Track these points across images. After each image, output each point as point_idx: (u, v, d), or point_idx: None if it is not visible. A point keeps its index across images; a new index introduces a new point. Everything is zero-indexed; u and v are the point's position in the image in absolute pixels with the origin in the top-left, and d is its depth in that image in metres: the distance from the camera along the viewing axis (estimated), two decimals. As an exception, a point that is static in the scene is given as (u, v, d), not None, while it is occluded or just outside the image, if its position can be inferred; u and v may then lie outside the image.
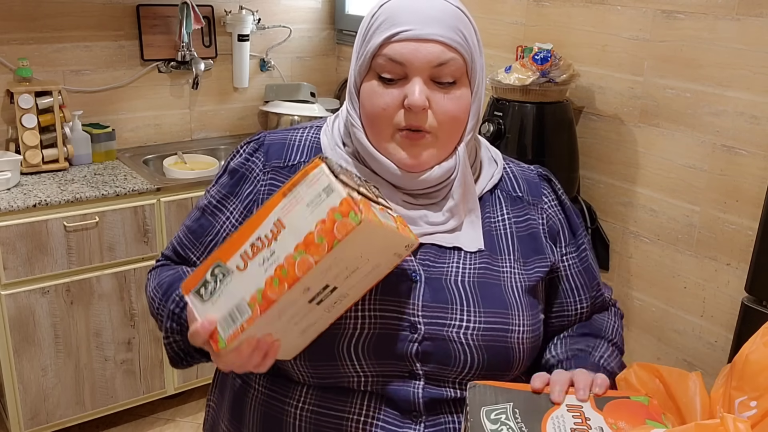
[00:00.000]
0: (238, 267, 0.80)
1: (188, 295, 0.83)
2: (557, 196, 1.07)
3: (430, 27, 0.89)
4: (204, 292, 0.82)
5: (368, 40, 0.93)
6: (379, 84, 0.92)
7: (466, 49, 0.92)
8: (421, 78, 0.90)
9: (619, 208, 2.16)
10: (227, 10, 2.83)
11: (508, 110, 2.08)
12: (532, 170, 1.08)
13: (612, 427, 0.81)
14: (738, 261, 1.86)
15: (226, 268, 0.81)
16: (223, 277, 0.81)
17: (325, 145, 1.01)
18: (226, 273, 0.80)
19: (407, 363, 0.91)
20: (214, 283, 0.81)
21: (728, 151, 1.84)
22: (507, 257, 0.98)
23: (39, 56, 2.47)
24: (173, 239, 1.09)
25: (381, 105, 0.92)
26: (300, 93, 2.98)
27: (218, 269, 0.81)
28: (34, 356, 2.19)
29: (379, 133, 0.93)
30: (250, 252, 0.79)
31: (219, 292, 0.80)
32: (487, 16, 2.46)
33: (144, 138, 2.77)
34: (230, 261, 0.80)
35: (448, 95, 0.92)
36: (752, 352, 0.80)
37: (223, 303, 0.80)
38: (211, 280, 0.81)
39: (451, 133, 0.94)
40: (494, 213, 1.01)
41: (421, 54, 0.89)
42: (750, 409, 0.75)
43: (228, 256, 0.81)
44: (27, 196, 2.14)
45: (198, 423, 2.55)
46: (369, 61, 0.92)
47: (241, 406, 0.99)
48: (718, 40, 1.83)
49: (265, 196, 0.99)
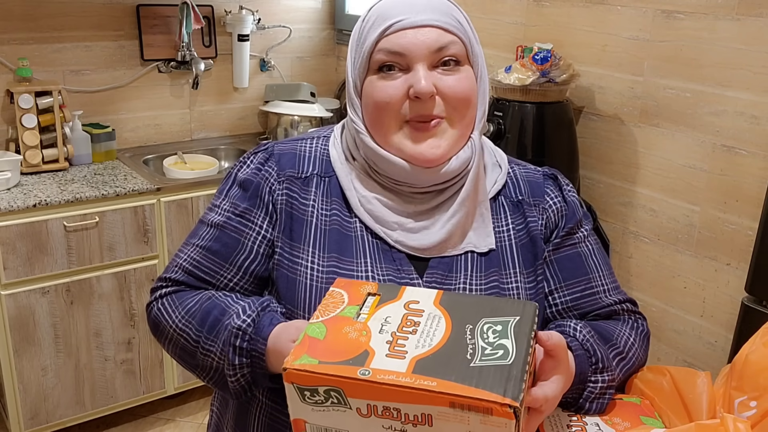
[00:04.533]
0: (359, 410, 0.71)
1: (288, 383, 0.72)
2: (562, 194, 1.03)
3: (423, 14, 0.88)
4: (307, 397, 0.72)
5: (363, 40, 0.92)
6: (380, 78, 0.90)
7: (462, 32, 0.91)
8: (424, 64, 0.88)
9: (619, 208, 2.16)
10: (227, 10, 2.83)
11: (508, 110, 2.08)
12: (537, 171, 1.05)
13: (607, 423, 0.81)
14: (738, 261, 1.86)
15: (346, 401, 0.71)
16: (336, 403, 0.71)
17: (335, 158, 0.98)
18: (343, 404, 0.71)
19: None
20: (324, 400, 0.72)
21: (728, 151, 1.84)
22: (513, 270, 0.96)
23: (39, 56, 2.47)
24: (183, 262, 0.99)
25: (384, 97, 0.89)
26: (300, 93, 2.98)
27: (335, 394, 0.71)
28: (34, 356, 2.19)
29: (385, 128, 0.91)
30: (380, 410, 0.70)
31: (325, 408, 0.72)
32: (487, 16, 2.46)
33: (144, 138, 2.77)
34: (354, 400, 0.71)
35: (454, 76, 0.89)
36: (752, 352, 0.80)
37: (324, 417, 0.72)
38: (322, 395, 0.71)
39: (464, 115, 0.91)
40: (499, 223, 0.98)
41: (419, 40, 0.87)
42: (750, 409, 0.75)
43: (353, 394, 0.71)
44: (27, 196, 2.14)
45: (198, 423, 2.55)
46: (367, 60, 0.91)
47: (246, 416, 0.99)
48: (718, 40, 1.83)
49: (283, 206, 0.96)
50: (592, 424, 0.81)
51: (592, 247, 1.03)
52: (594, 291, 1.00)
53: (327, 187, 0.97)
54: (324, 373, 0.70)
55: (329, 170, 0.99)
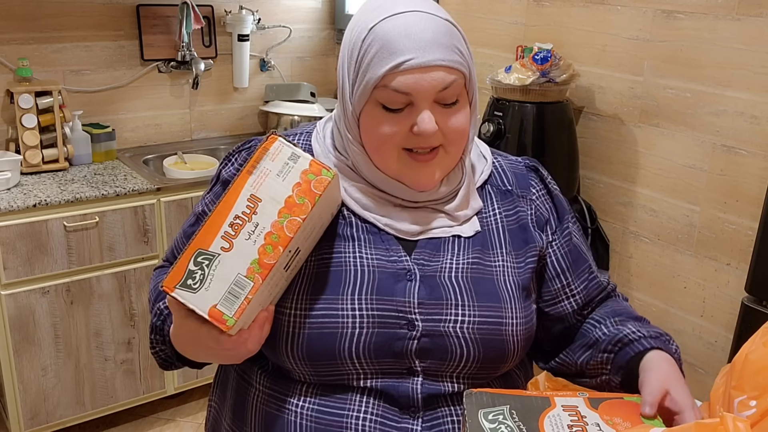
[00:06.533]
0: (223, 248, 0.83)
1: (174, 291, 0.83)
2: (545, 184, 1.08)
3: (431, 53, 0.88)
4: (193, 283, 0.82)
5: (365, 69, 0.91)
6: (383, 111, 0.91)
7: (464, 65, 0.92)
8: (428, 103, 0.90)
9: (619, 208, 2.16)
10: (227, 10, 2.83)
11: (508, 110, 2.08)
12: (519, 162, 1.10)
13: (608, 423, 0.81)
14: (738, 261, 1.86)
15: (209, 254, 0.82)
16: (209, 263, 0.82)
17: (318, 152, 1.01)
18: (212, 257, 0.82)
19: (406, 360, 0.93)
20: (201, 271, 0.82)
21: (728, 151, 1.84)
22: (499, 251, 1.00)
23: (39, 56, 2.47)
24: (171, 244, 1.10)
25: (388, 133, 0.92)
26: (300, 93, 2.98)
27: (201, 257, 0.83)
28: (34, 356, 2.19)
29: (385, 156, 0.94)
30: (232, 231, 0.83)
31: (210, 277, 0.82)
32: (487, 16, 2.46)
33: (144, 138, 2.77)
34: (212, 245, 0.83)
35: (454, 115, 0.93)
36: (752, 351, 0.80)
37: (217, 286, 0.82)
38: (196, 269, 0.82)
39: (459, 146, 0.96)
40: (486, 208, 1.02)
41: (426, 82, 0.88)
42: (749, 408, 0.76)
43: (208, 242, 0.83)
44: (27, 196, 2.14)
45: (198, 423, 2.55)
46: (370, 92, 0.91)
47: (243, 406, 1.00)
48: (718, 40, 1.83)
49: None
50: (592, 424, 0.81)
51: (580, 238, 1.09)
52: (593, 276, 1.08)
53: None
54: (184, 257, 0.84)
55: None
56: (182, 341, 0.90)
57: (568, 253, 1.05)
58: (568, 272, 1.05)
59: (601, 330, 1.01)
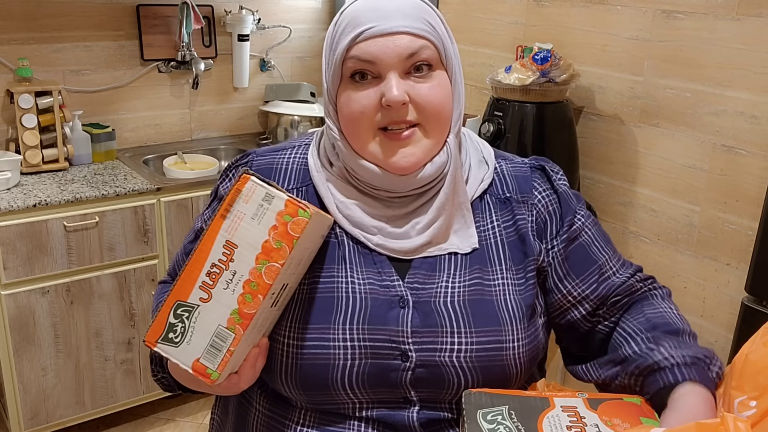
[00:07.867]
0: (201, 299, 0.81)
1: (156, 346, 0.82)
2: (551, 183, 1.02)
3: (393, 20, 0.87)
4: (174, 336, 0.81)
5: (335, 46, 0.91)
6: (354, 89, 0.90)
7: (435, 35, 0.90)
8: (396, 72, 0.87)
9: (619, 208, 2.16)
10: (227, 10, 2.83)
11: (508, 110, 2.09)
12: (524, 164, 1.04)
13: (607, 423, 0.81)
14: (738, 261, 1.86)
15: (188, 305, 0.81)
16: (189, 315, 0.81)
17: (312, 166, 0.98)
18: (191, 309, 0.81)
19: (401, 390, 0.90)
20: (182, 323, 0.81)
21: (728, 151, 1.84)
22: (498, 268, 0.95)
23: (39, 56, 2.47)
24: (173, 260, 1.09)
25: (358, 108, 0.89)
26: (300, 93, 2.98)
27: (181, 309, 0.81)
28: (34, 356, 2.19)
29: (360, 137, 0.91)
30: (210, 281, 0.81)
31: (191, 330, 0.81)
32: (487, 16, 2.46)
33: (144, 138, 2.77)
34: (191, 297, 0.81)
35: (426, 84, 0.89)
36: (752, 352, 0.80)
37: (198, 339, 0.81)
38: (176, 322, 0.81)
39: (439, 122, 0.91)
40: (484, 221, 0.98)
41: (390, 48, 0.87)
42: (750, 408, 0.75)
43: (186, 294, 0.81)
44: (27, 196, 2.14)
45: (198, 423, 2.55)
46: (339, 67, 0.90)
47: (244, 425, 0.99)
48: (718, 40, 1.83)
49: None
50: (591, 425, 0.81)
51: (592, 232, 1.02)
52: (606, 276, 1.00)
53: (304, 197, 0.97)
54: (163, 310, 0.83)
55: (306, 179, 0.99)
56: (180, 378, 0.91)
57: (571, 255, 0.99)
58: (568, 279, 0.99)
59: (632, 348, 0.91)
